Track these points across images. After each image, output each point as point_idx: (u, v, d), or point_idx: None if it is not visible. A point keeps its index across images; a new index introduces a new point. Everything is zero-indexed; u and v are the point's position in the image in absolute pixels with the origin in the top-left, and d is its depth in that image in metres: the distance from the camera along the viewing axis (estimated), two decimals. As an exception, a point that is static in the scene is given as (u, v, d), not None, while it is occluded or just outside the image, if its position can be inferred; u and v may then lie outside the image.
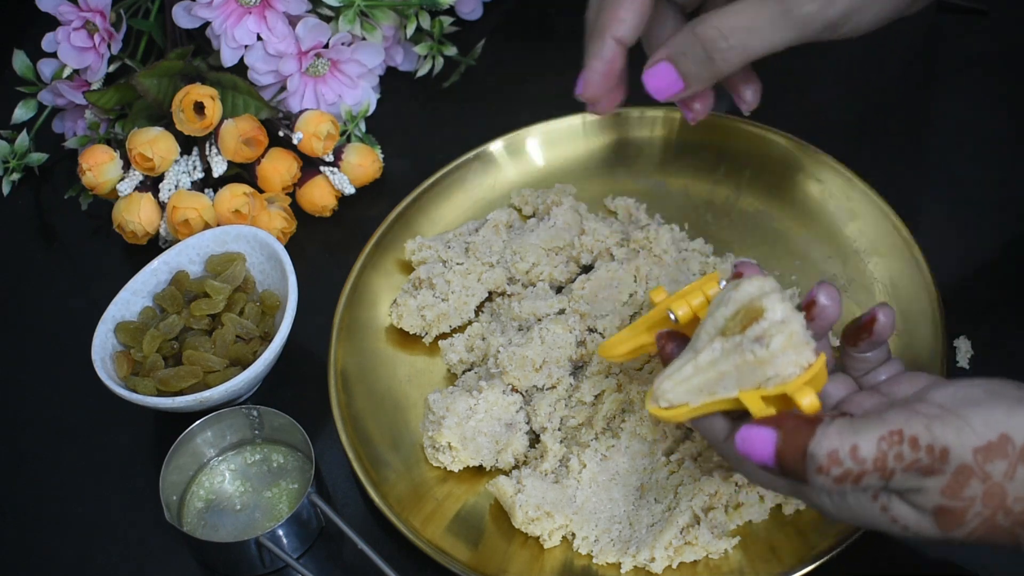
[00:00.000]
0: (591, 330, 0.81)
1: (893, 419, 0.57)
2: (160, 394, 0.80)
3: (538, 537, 0.74)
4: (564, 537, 0.74)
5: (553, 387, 0.79)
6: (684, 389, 0.63)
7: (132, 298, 0.85)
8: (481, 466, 0.78)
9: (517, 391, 0.79)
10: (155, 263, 0.86)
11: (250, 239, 0.86)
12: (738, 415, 0.63)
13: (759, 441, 0.59)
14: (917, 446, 0.56)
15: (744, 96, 0.74)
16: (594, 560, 0.73)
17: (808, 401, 0.59)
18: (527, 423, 0.79)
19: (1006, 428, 0.56)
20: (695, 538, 0.71)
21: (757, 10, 0.64)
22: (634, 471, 0.76)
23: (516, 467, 0.78)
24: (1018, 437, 0.56)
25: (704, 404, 0.63)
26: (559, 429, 0.78)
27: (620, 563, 0.72)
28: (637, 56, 0.73)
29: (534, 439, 0.79)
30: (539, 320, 0.81)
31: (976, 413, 0.56)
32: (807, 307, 0.63)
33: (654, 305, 0.70)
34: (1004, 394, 0.57)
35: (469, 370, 0.83)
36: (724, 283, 0.66)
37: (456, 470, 0.78)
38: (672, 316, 0.67)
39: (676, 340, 0.66)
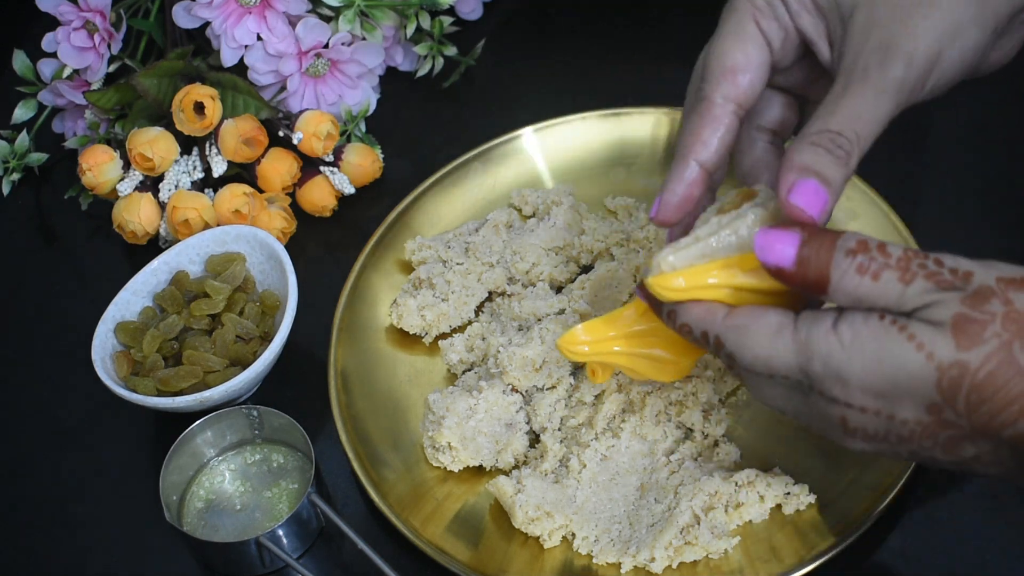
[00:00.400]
0: (591, 330, 0.81)
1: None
2: (160, 394, 0.80)
3: (538, 537, 0.74)
4: (564, 537, 0.74)
5: (553, 387, 0.79)
6: (683, 257, 0.61)
7: (132, 298, 0.85)
8: (481, 466, 0.78)
9: (517, 391, 0.79)
10: (155, 263, 0.86)
11: (250, 239, 0.86)
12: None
13: (782, 238, 0.57)
14: (941, 264, 0.56)
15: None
16: (594, 560, 0.73)
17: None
18: (527, 423, 0.79)
19: None
20: (695, 538, 0.71)
21: (861, 94, 0.62)
22: (634, 471, 0.76)
23: (516, 467, 0.78)
24: None
25: (706, 265, 0.60)
26: (559, 429, 0.78)
27: (620, 563, 0.72)
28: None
29: (534, 439, 0.79)
30: (539, 320, 0.81)
31: (997, 264, 0.56)
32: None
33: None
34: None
35: (469, 370, 0.83)
36: None
37: (456, 470, 0.78)
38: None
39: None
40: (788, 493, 0.72)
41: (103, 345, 0.82)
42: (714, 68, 0.67)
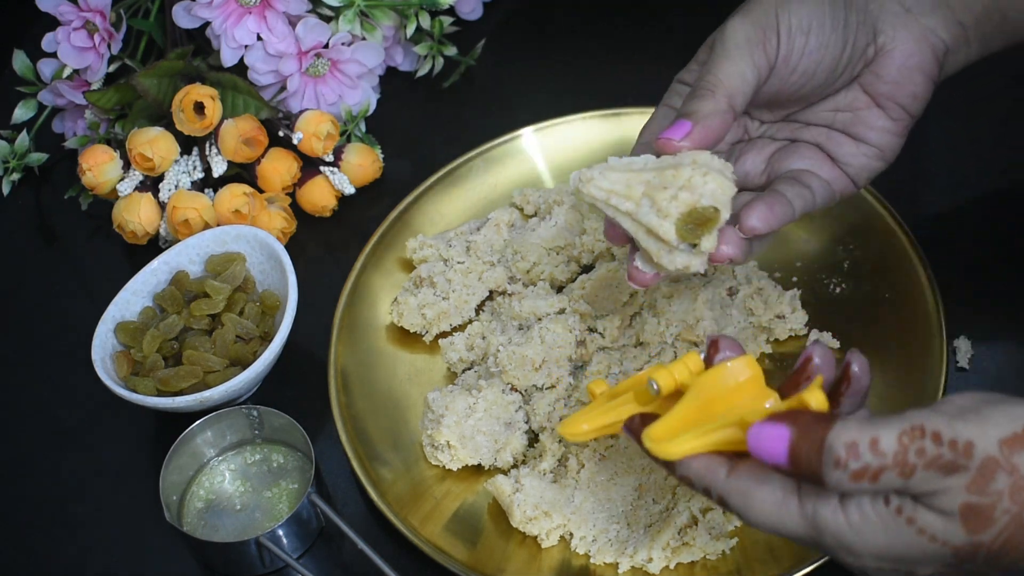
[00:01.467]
0: (591, 330, 0.81)
1: (913, 416, 0.55)
2: (160, 394, 0.80)
3: (536, 536, 0.74)
4: (562, 537, 0.74)
5: (552, 386, 0.79)
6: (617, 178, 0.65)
7: (132, 298, 0.85)
8: (480, 465, 0.78)
9: (516, 390, 0.79)
10: (155, 263, 0.86)
11: (250, 239, 0.86)
12: (736, 456, 0.59)
13: (772, 437, 0.56)
14: (940, 441, 0.54)
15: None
16: (592, 560, 0.73)
17: (816, 400, 0.57)
18: (526, 422, 0.79)
19: None
20: (693, 539, 0.71)
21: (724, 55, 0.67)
22: (632, 471, 0.76)
23: (515, 466, 0.78)
24: None
25: (706, 440, 0.59)
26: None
27: (618, 563, 0.72)
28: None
29: (533, 438, 0.79)
30: (539, 319, 0.81)
31: (997, 409, 0.55)
32: (843, 376, 0.61)
33: (592, 397, 0.67)
34: (1014, 398, 0.56)
35: (469, 369, 0.83)
36: (703, 355, 0.63)
37: (455, 469, 0.78)
38: (654, 386, 0.62)
39: (644, 417, 0.63)
40: None
41: (103, 345, 0.82)
42: (712, 79, 0.68)
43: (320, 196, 0.93)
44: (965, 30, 0.73)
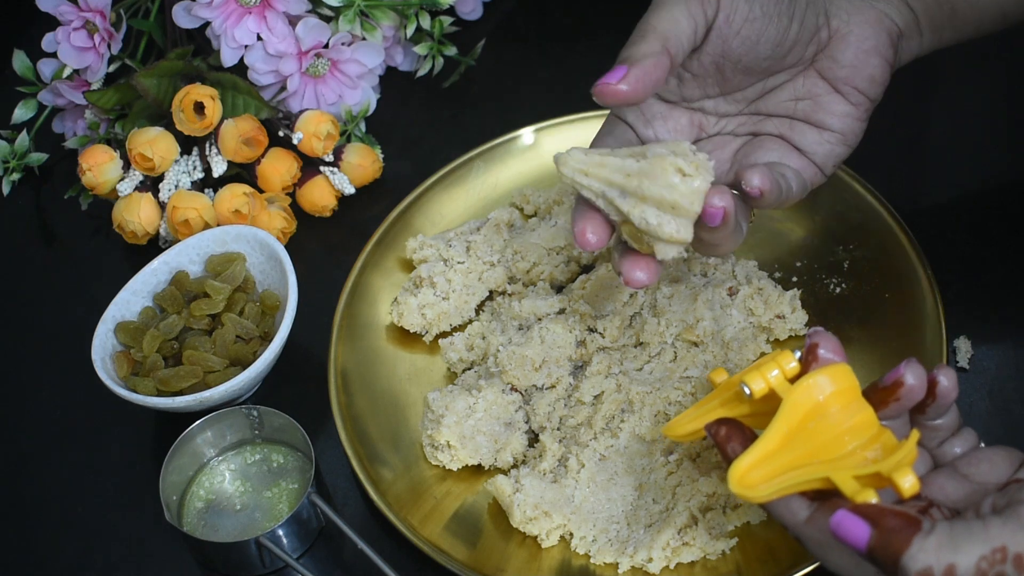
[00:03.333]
0: (591, 330, 0.81)
1: (998, 533, 0.53)
2: (160, 394, 0.80)
3: (536, 536, 0.74)
4: (562, 536, 0.74)
5: (552, 387, 0.79)
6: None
7: (132, 298, 0.85)
8: (480, 465, 0.78)
9: (516, 390, 0.79)
10: (155, 263, 0.86)
11: (250, 239, 0.86)
12: (818, 494, 0.59)
13: (855, 530, 0.55)
14: (1022, 565, 0.52)
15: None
16: (592, 560, 0.73)
17: (909, 483, 0.56)
18: (526, 422, 0.79)
19: None
20: (693, 539, 0.71)
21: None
22: (632, 471, 0.76)
23: (515, 466, 0.78)
24: None
25: (791, 483, 0.59)
26: (558, 429, 0.78)
27: (618, 563, 0.72)
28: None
29: (533, 438, 0.79)
30: (539, 320, 0.81)
31: None
32: (892, 386, 0.60)
33: (714, 386, 0.66)
34: None
35: (469, 369, 0.83)
36: (799, 354, 0.63)
37: (455, 469, 0.78)
38: (746, 390, 0.61)
39: (729, 425, 0.63)
40: None
41: (103, 345, 0.82)
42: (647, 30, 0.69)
43: (320, 196, 0.93)
44: (916, 16, 0.73)
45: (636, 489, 0.75)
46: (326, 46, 0.95)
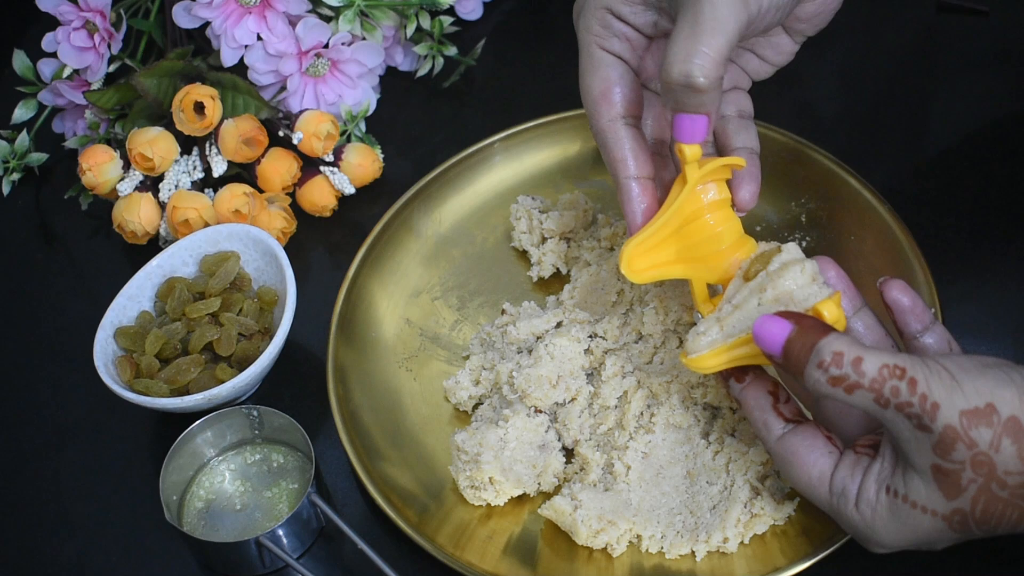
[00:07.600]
0: (593, 336, 0.81)
1: (901, 357, 0.60)
2: (171, 393, 0.80)
3: (604, 548, 0.73)
4: (629, 542, 0.73)
5: (574, 399, 0.78)
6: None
7: (128, 303, 0.84)
8: (524, 494, 0.76)
9: (541, 411, 0.78)
10: (149, 266, 0.86)
11: (243, 237, 0.86)
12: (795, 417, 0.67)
13: (775, 328, 0.63)
14: (914, 389, 0.59)
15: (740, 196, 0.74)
16: (666, 555, 0.72)
17: (830, 312, 0.64)
18: (558, 440, 0.78)
19: (992, 398, 0.59)
20: (761, 508, 0.71)
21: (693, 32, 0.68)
22: (677, 460, 0.75)
23: (559, 487, 0.77)
24: (1003, 409, 0.58)
25: (736, 341, 0.66)
26: (591, 439, 0.78)
27: (694, 552, 0.72)
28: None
29: (569, 455, 0.78)
30: (539, 338, 0.81)
31: (968, 379, 0.59)
32: (886, 307, 0.69)
33: (686, 161, 0.69)
34: (997, 369, 0.60)
35: (480, 404, 0.82)
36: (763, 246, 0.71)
37: (501, 504, 0.76)
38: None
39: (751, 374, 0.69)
40: None
41: (104, 351, 0.81)
42: (588, 103, 0.73)
43: (320, 196, 0.93)
44: None
45: (686, 477, 0.75)
46: (326, 46, 0.95)
